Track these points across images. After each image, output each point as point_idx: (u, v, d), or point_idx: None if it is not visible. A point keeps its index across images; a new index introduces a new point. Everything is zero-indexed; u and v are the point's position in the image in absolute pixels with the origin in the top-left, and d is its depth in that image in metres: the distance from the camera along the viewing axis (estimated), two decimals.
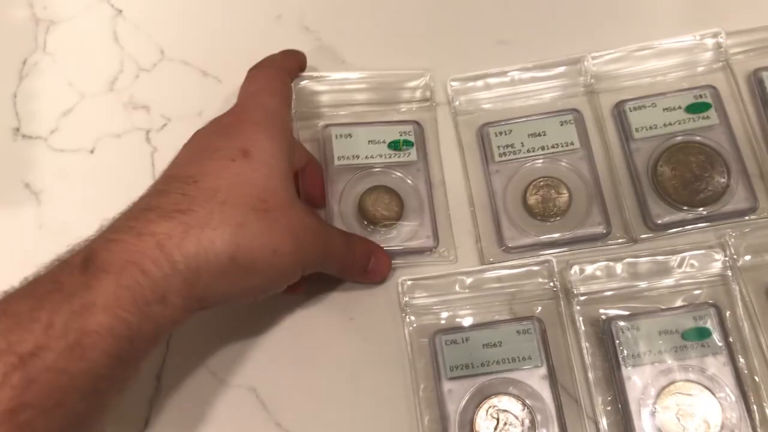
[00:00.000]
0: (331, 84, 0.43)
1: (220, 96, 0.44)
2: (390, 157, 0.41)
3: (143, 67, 0.45)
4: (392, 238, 0.40)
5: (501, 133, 0.41)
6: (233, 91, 0.44)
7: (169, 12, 0.47)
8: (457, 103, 0.42)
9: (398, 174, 0.41)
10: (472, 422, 0.36)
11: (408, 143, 0.41)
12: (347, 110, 0.43)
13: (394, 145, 0.41)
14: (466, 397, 0.36)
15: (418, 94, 0.43)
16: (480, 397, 0.36)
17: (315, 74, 0.43)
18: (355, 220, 0.40)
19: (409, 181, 0.41)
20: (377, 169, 0.41)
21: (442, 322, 0.38)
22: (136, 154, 0.43)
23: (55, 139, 0.44)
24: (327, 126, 0.42)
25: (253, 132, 0.34)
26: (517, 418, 0.35)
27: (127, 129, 0.44)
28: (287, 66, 0.40)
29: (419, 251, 0.40)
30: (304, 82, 0.42)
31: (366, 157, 0.41)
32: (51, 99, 0.45)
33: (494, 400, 0.36)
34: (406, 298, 0.38)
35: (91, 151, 0.44)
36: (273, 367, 0.38)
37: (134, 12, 0.47)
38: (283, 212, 0.32)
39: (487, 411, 0.36)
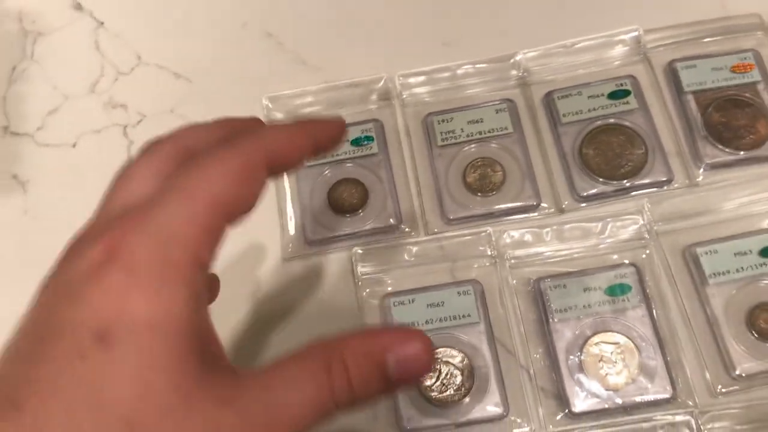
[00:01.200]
0: (302, 96, 0.47)
1: (190, 94, 0.48)
2: (354, 152, 0.45)
3: (122, 71, 0.50)
4: (360, 223, 0.44)
5: (443, 121, 0.45)
6: (202, 89, 0.49)
7: (146, 22, 0.51)
8: (405, 96, 0.47)
9: (362, 166, 0.45)
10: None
11: (369, 138, 0.46)
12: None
13: (356, 142, 0.46)
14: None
15: (375, 96, 0.47)
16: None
17: (288, 92, 0.47)
18: (327, 211, 0.44)
19: (372, 172, 0.45)
20: (344, 165, 0.45)
21: (389, 289, 0.42)
22: (115, 146, 0.47)
23: (41, 136, 0.48)
24: None
25: (121, 290, 0.20)
26: (457, 368, 0.39)
27: (106, 125, 0.48)
28: (273, 148, 0.24)
29: (385, 231, 0.43)
30: (272, 94, 0.47)
31: (331, 155, 0.45)
32: (37, 101, 0.49)
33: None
34: (359, 267, 0.42)
35: (74, 145, 0.48)
36: (239, 330, 0.41)
37: (114, 23, 0.52)
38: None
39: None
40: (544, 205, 0.43)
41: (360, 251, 0.42)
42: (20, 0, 0.53)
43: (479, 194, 0.44)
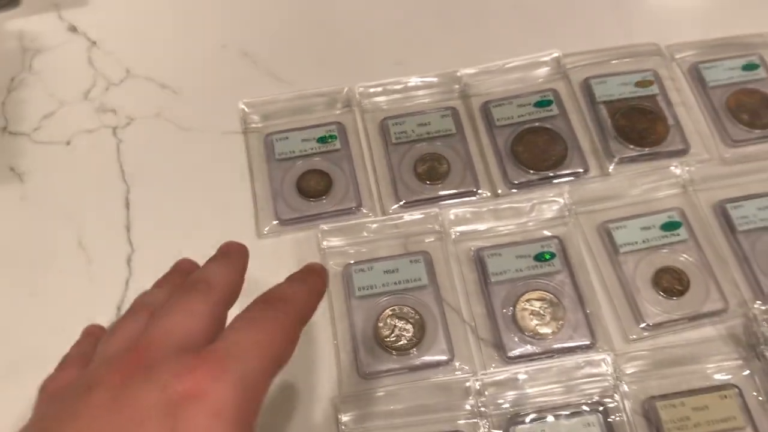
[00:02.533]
0: (275, 103, 0.54)
1: (175, 101, 0.55)
2: (320, 148, 0.52)
3: (112, 82, 0.56)
4: (325, 205, 0.50)
5: (396, 124, 0.53)
6: (186, 97, 0.56)
7: (136, 42, 0.58)
8: (364, 103, 0.54)
9: (327, 159, 0.52)
10: (374, 328, 0.45)
11: (332, 137, 0.53)
12: (285, 120, 0.54)
13: (322, 140, 0.53)
14: (370, 311, 0.46)
15: (339, 104, 0.54)
16: (380, 309, 0.46)
17: (259, 102, 0.54)
18: (297, 197, 0.50)
19: (336, 164, 0.52)
20: (312, 158, 0.52)
21: (351, 261, 0.48)
22: (105, 144, 0.53)
23: (37, 135, 0.54)
24: (268, 135, 0.53)
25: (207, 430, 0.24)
26: (410, 322, 0.45)
27: (97, 126, 0.54)
28: (306, 312, 0.32)
29: (347, 212, 0.50)
30: (246, 109, 0.54)
31: (300, 151, 0.52)
32: (34, 106, 0.55)
33: (390, 311, 0.46)
34: (324, 241, 0.48)
35: (67, 143, 0.53)
36: None
37: (106, 43, 0.58)
38: None
39: (386, 321, 0.45)
40: (482, 191, 0.50)
41: (325, 228, 0.48)
42: (20, 22, 0.59)
43: (428, 182, 0.51)
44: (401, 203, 0.50)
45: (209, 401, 0.24)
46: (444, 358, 0.44)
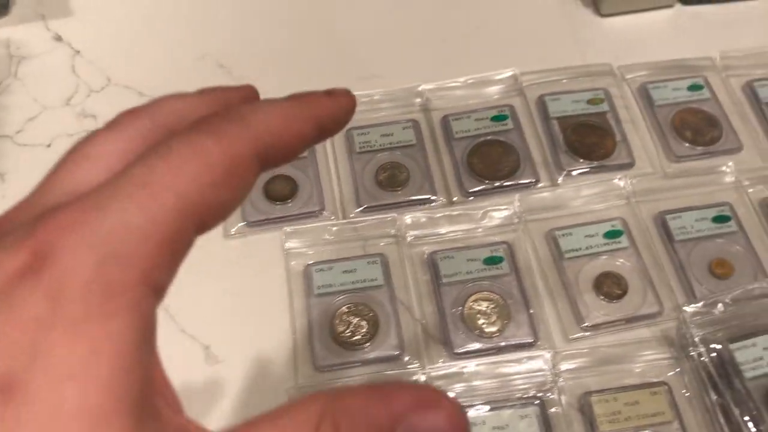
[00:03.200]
0: None
1: None
2: None
3: (93, 89, 0.59)
4: (290, 208, 0.53)
5: (361, 134, 0.56)
6: None
7: (118, 52, 0.62)
8: None
9: (293, 165, 0.55)
10: (331, 324, 0.48)
11: None
12: None
13: None
14: (327, 308, 0.49)
15: None
16: (338, 306, 0.49)
17: None
18: (263, 200, 0.53)
19: (301, 170, 0.55)
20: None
21: (310, 262, 0.51)
22: None
23: (20, 137, 0.57)
24: None
25: (39, 323, 0.15)
26: (364, 319, 0.48)
27: (77, 131, 0.57)
28: (266, 137, 0.19)
29: (311, 215, 0.53)
30: None
31: None
32: (18, 110, 0.58)
33: (346, 308, 0.48)
34: (287, 242, 0.51)
35: (48, 146, 0.56)
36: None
37: (89, 52, 0.61)
38: None
39: (342, 318, 0.48)
40: (439, 198, 0.54)
41: (288, 230, 0.51)
42: (8, 30, 0.62)
43: (389, 189, 0.54)
44: (362, 208, 0.53)
45: (44, 276, 0.15)
46: (395, 353, 0.47)
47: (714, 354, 0.45)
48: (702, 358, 0.45)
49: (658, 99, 0.58)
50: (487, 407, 0.45)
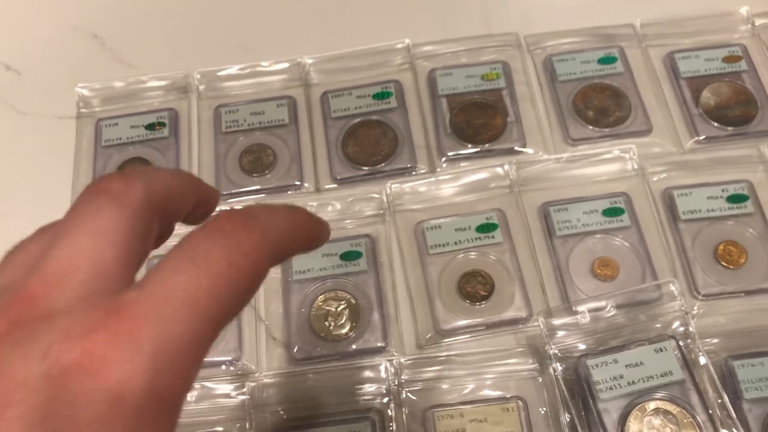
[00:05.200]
0: (112, 89, 0.53)
1: (16, 84, 0.54)
2: (147, 136, 0.52)
3: None
4: None
5: (229, 112, 0.52)
6: (29, 80, 0.55)
7: None
8: (201, 88, 0.53)
9: (153, 148, 0.51)
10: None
11: (162, 124, 0.52)
12: (120, 105, 0.53)
13: (150, 127, 0.52)
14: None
15: (176, 90, 0.53)
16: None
17: (96, 86, 0.53)
18: None
19: (162, 152, 0.51)
20: (136, 146, 0.51)
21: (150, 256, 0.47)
22: None
23: None
24: (99, 120, 0.52)
25: None
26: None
27: None
28: (278, 246, 0.22)
29: None
30: (83, 92, 0.53)
31: (128, 138, 0.52)
32: None
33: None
34: None
35: None
36: None
37: None
38: None
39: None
40: (306, 185, 0.49)
41: None
42: None
43: (254, 174, 0.50)
44: (221, 195, 0.49)
45: (106, 381, 0.17)
46: (229, 358, 0.43)
47: (568, 369, 0.40)
48: (556, 374, 0.40)
49: (561, 73, 0.52)
50: (319, 422, 0.41)
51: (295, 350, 0.43)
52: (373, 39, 0.54)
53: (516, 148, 0.49)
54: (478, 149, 0.49)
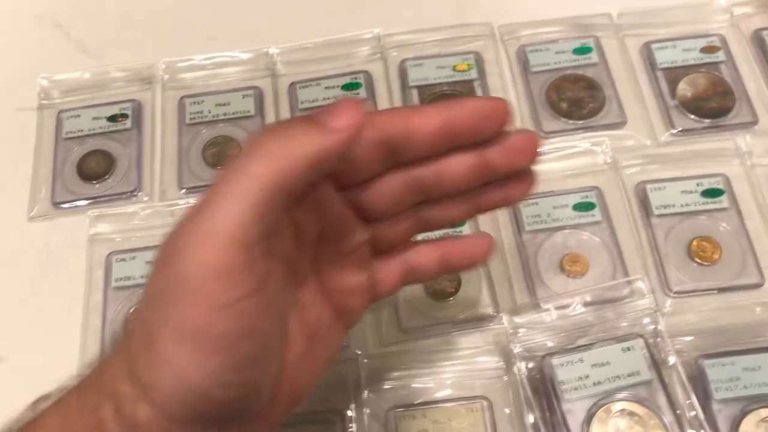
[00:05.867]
0: (75, 80, 0.52)
1: None
2: (109, 127, 0.50)
3: None
4: (100, 189, 0.48)
5: (194, 103, 0.51)
6: None
7: None
8: (166, 77, 0.52)
9: (114, 140, 0.50)
10: (126, 321, 0.43)
11: (124, 115, 0.51)
12: (83, 96, 0.52)
13: (113, 119, 0.50)
14: (125, 303, 0.44)
15: (139, 81, 0.52)
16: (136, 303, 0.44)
17: (59, 77, 0.52)
18: (75, 179, 0.48)
19: (124, 145, 0.50)
20: (98, 138, 0.50)
21: (115, 248, 0.46)
22: None
23: None
24: (61, 112, 0.51)
25: None
26: None
27: None
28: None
29: (123, 196, 0.48)
30: (44, 82, 0.52)
31: (90, 129, 0.50)
32: None
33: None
34: (93, 228, 0.46)
35: None
36: None
37: None
38: None
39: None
40: None
41: (95, 214, 0.46)
42: None
43: (218, 167, 0.48)
44: (184, 190, 0.48)
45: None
46: None
47: (534, 368, 0.39)
48: (520, 373, 0.39)
49: (535, 64, 0.51)
50: None
51: None
52: (343, 28, 0.53)
53: None
54: None
